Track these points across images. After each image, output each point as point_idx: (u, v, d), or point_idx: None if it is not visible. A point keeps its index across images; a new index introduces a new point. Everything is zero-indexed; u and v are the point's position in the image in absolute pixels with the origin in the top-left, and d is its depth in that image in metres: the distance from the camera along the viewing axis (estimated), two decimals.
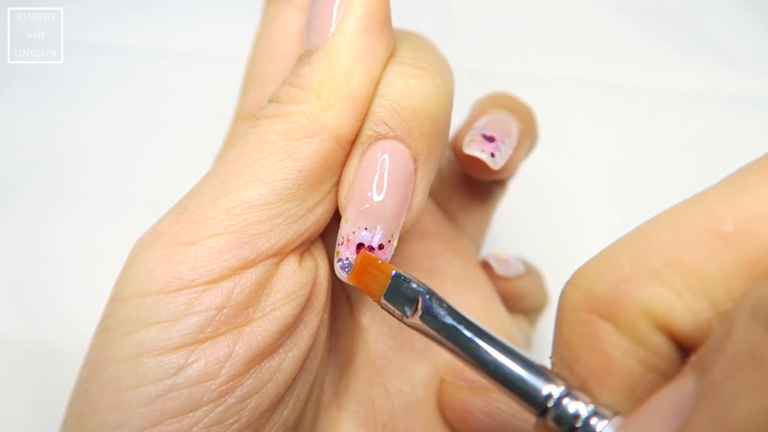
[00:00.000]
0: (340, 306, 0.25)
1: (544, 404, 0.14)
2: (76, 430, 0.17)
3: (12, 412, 0.33)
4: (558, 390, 0.14)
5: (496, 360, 0.16)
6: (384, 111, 0.19)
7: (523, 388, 0.15)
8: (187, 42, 0.50)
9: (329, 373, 0.23)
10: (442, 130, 0.20)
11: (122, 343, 0.17)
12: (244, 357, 0.17)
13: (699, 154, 0.45)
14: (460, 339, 0.16)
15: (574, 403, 0.14)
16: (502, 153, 0.23)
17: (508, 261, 0.28)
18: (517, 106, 0.26)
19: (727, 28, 0.52)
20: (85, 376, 0.18)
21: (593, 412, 0.14)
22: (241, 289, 0.18)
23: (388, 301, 0.18)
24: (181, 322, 0.17)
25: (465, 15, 0.52)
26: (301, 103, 0.19)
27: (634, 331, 0.13)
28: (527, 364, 0.15)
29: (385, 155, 0.19)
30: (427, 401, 0.24)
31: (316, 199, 0.19)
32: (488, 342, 0.16)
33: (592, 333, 0.14)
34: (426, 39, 0.23)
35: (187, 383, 0.17)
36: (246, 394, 0.17)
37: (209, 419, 0.17)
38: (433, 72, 0.20)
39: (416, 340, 0.25)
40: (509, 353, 0.16)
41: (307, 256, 0.20)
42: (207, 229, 0.18)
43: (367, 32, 0.19)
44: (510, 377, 0.15)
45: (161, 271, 0.17)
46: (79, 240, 0.40)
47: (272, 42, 0.24)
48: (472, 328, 0.16)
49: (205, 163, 0.26)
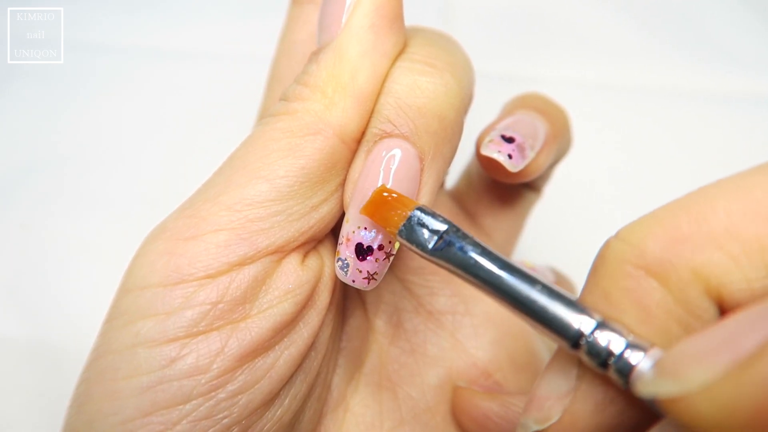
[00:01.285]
0: (353, 307, 0.24)
1: (577, 337, 0.14)
2: (76, 417, 0.17)
3: (12, 412, 0.33)
4: (592, 322, 0.14)
5: (528, 293, 0.15)
6: (389, 109, 0.19)
7: (556, 321, 0.14)
8: (187, 42, 0.50)
9: (338, 374, 0.23)
10: (452, 129, 0.19)
11: (121, 333, 0.17)
12: (237, 353, 0.17)
13: (699, 154, 0.45)
14: (487, 273, 0.15)
15: (608, 335, 0.14)
16: (521, 155, 0.22)
17: (535, 269, 0.27)
18: (547, 107, 0.25)
19: (728, 28, 0.52)
20: (88, 365, 0.18)
21: (629, 345, 0.13)
22: (238, 284, 0.18)
23: (406, 233, 0.17)
24: (176, 315, 0.17)
25: (465, 15, 0.52)
26: (307, 101, 0.19)
27: (682, 292, 0.13)
28: (560, 297, 0.15)
29: (389, 154, 0.19)
30: (436, 409, 0.24)
31: (321, 198, 0.19)
32: (518, 276, 0.15)
33: (636, 288, 0.14)
34: (445, 37, 0.22)
35: (178, 376, 0.17)
36: (237, 389, 0.17)
37: (198, 413, 0.17)
38: (443, 69, 0.19)
39: (430, 345, 0.24)
40: (540, 286, 0.15)
41: (313, 254, 0.20)
42: (208, 224, 0.18)
43: (374, 28, 0.19)
44: (542, 310, 0.15)
45: (162, 264, 0.17)
46: (79, 240, 0.40)
47: (294, 42, 0.24)
48: (500, 262, 0.16)
49: (205, 162, 0.26)
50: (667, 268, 0.13)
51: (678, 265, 0.13)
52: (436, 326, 0.25)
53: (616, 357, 0.13)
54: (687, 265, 0.13)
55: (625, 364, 0.13)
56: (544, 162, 0.24)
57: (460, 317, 0.25)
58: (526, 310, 0.15)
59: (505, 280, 0.15)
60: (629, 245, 0.14)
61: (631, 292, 0.14)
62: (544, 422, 0.15)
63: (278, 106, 0.19)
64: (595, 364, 0.14)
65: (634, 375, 0.13)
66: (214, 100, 0.47)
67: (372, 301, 0.25)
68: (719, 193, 0.14)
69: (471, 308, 0.25)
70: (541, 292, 0.15)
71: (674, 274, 0.13)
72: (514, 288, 0.15)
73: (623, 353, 0.13)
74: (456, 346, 0.24)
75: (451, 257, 0.16)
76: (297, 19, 0.24)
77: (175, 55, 0.49)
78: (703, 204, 0.14)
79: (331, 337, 0.22)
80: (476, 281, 0.16)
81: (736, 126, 0.47)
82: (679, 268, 0.13)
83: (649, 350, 0.13)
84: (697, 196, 0.14)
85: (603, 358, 0.14)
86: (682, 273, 0.13)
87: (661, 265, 0.14)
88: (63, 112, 0.46)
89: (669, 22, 0.52)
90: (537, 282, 0.15)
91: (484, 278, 0.16)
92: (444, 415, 0.24)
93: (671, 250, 0.13)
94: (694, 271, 0.13)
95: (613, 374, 0.14)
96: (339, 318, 0.23)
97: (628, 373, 0.13)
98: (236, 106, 0.38)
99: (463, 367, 0.24)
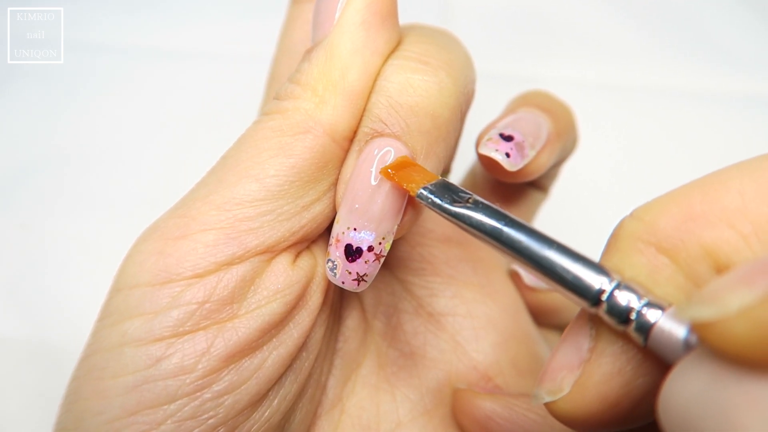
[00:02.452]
0: (350, 308, 0.24)
1: (598, 294, 0.14)
2: (65, 415, 0.17)
3: (12, 412, 0.33)
4: (612, 282, 0.14)
5: (548, 254, 0.15)
6: (381, 107, 0.19)
7: (575, 280, 0.15)
8: (187, 42, 0.50)
9: (333, 375, 0.23)
10: (446, 128, 0.19)
11: (109, 332, 0.17)
12: (222, 353, 0.17)
13: (699, 154, 0.45)
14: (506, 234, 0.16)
15: (627, 294, 0.14)
16: (520, 153, 0.22)
17: None
18: (551, 104, 0.25)
19: (728, 28, 0.52)
20: (78, 363, 0.18)
21: (648, 303, 0.14)
22: (225, 284, 0.17)
23: (432, 190, 0.17)
24: (162, 314, 0.17)
25: (465, 15, 0.52)
26: (298, 99, 0.19)
27: (691, 268, 0.14)
28: (580, 258, 0.15)
29: (381, 153, 0.18)
30: (434, 412, 0.23)
31: (312, 198, 0.19)
32: (538, 238, 0.15)
33: (647, 264, 0.14)
34: (444, 33, 0.22)
35: (163, 375, 0.17)
36: (223, 390, 0.17)
37: (183, 413, 0.17)
38: (437, 67, 0.19)
39: (429, 347, 0.24)
40: (559, 246, 0.15)
41: (305, 254, 0.20)
42: (197, 224, 0.18)
43: (365, 25, 0.19)
44: (561, 269, 0.15)
45: (151, 264, 0.18)
46: (79, 240, 0.40)
47: (293, 42, 0.23)
48: (519, 225, 0.16)
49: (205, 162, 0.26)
50: (678, 245, 0.14)
51: (689, 241, 0.14)
52: (436, 328, 0.24)
53: (637, 312, 0.14)
54: (697, 242, 0.13)
55: (645, 321, 0.14)
56: (546, 161, 0.23)
57: (461, 319, 0.24)
58: (547, 269, 0.15)
59: (525, 244, 0.15)
60: (642, 222, 0.14)
61: (642, 267, 0.14)
62: (557, 393, 0.15)
63: (270, 105, 0.19)
64: (616, 321, 0.14)
65: (656, 330, 0.13)
66: (214, 100, 0.47)
67: (371, 302, 0.25)
68: (734, 174, 0.14)
69: (472, 310, 0.25)
70: (562, 253, 0.15)
71: (684, 251, 0.14)
72: (534, 249, 0.15)
73: (643, 310, 0.14)
74: (456, 349, 0.24)
75: (476, 218, 0.16)
76: (296, 18, 0.24)
77: (175, 55, 0.49)
78: (717, 184, 0.14)
79: (324, 337, 0.21)
80: (498, 243, 0.16)
81: (736, 126, 0.47)
82: (690, 245, 0.14)
83: (667, 309, 0.13)
84: (712, 177, 0.14)
85: (624, 315, 0.14)
86: (693, 250, 0.14)
87: (672, 241, 0.14)
88: (63, 112, 0.46)
89: (669, 22, 0.52)
90: (555, 243, 0.15)
91: (505, 241, 0.16)
92: (442, 418, 0.23)
93: (683, 227, 0.14)
94: (704, 247, 0.13)
95: (633, 331, 0.14)
96: (334, 319, 0.23)
97: (649, 330, 0.13)
98: (236, 106, 0.38)
99: (463, 370, 0.24)
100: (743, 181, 0.13)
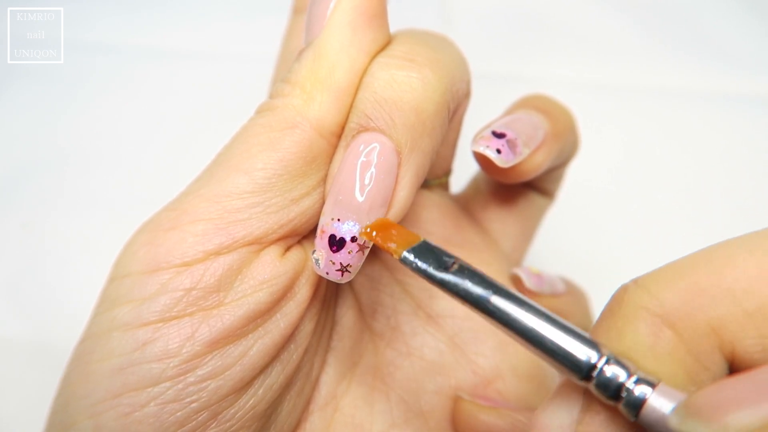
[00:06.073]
0: (346, 307, 0.24)
1: (588, 369, 0.14)
2: (55, 401, 0.18)
3: (12, 412, 0.33)
4: (602, 358, 0.14)
5: (537, 326, 0.15)
6: (366, 103, 0.19)
7: (565, 354, 0.15)
8: (187, 42, 0.50)
9: (327, 373, 0.23)
10: (431, 123, 0.19)
11: (99, 319, 0.18)
12: (207, 338, 0.17)
13: (699, 154, 0.45)
14: (493, 307, 0.16)
15: (616, 368, 0.14)
16: (512, 150, 0.22)
17: (542, 276, 0.26)
18: (550, 106, 0.25)
19: (727, 29, 0.52)
20: (72, 352, 0.19)
21: (639, 379, 0.14)
22: (212, 272, 0.18)
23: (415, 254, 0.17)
24: (150, 300, 0.18)
25: (464, 15, 0.52)
26: (287, 97, 0.19)
27: (694, 344, 0.14)
28: (570, 331, 0.15)
29: (367, 148, 0.19)
30: (430, 414, 0.23)
31: (301, 192, 0.19)
32: (528, 309, 0.15)
33: (650, 334, 0.14)
34: (436, 36, 0.22)
35: (148, 359, 0.17)
36: (206, 374, 0.17)
37: (166, 396, 0.17)
38: (422, 64, 0.19)
39: (428, 349, 0.24)
40: (550, 319, 0.15)
41: (295, 248, 0.20)
42: (188, 216, 0.18)
43: (351, 25, 0.19)
44: (551, 343, 0.15)
45: (142, 253, 0.18)
46: (79, 239, 0.40)
47: (294, 50, 0.24)
48: (508, 294, 0.16)
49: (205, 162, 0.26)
50: (683, 320, 0.14)
51: (695, 317, 0.14)
52: (435, 330, 0.24)
53: (626, 390, 0.14)
54: (703, 318, 0.14)
55: (636, 398, 0.14)
56: (542, 160, 0.23)
57: (460, 321, 0.24)
58: (536, 342, 0.15)
59: (514, 315, 0.15)
60: (648, 293, 0.14)
61: (645, 337, 0.14)
62: None
63: (263, 104, 0.20)
64: (606, 396, 0.14)
65: (646, 407, 0.13)
66: (214, 100, 0.47)
67: (369, 302, 0.25)
68: (740, 249, 0.14)
69: (472, 312, 0.24)
70: (551, 324, 0.15)
71: (690, 326, 0.14)
72: (523, 321, 0.15)
73: (634, 386, 0.14)
74: (455, 351, 0.24)
75: (462, 286, 0.16)
76: (297, 28, 0.24)
77: (175, 55, 0.49)
78: (724, 259, 0.14)
79: (316, 333, 0.22)
80: (484, 314, 0.16)
81: (737, 126, 0.47)
82: (696, 321, 0.14)
83: (657, 385, 0.14)
84: (718, 251, 0.14)
85: (614, 391, 0.14)
86: (698, 325, 0.14)
87: (678, 315, 0.14)
88: (63, 112, 0.46)
89: (669, 22, 0.52)
90: (544, 314, 0.15)
91: (492, 311, 0.16)
92: (438, 421, 0.23)
93: (689, 302, 0.14)
94: (709, 324, 0.13)
95: (623, 407, 0.14)
96: (327, 315, 0.23)
97: (639, 406, 0.13)
98: (236, 106, 0.38)
99: (461, 372, 0.24)
100: (748, 257, 0.14)
